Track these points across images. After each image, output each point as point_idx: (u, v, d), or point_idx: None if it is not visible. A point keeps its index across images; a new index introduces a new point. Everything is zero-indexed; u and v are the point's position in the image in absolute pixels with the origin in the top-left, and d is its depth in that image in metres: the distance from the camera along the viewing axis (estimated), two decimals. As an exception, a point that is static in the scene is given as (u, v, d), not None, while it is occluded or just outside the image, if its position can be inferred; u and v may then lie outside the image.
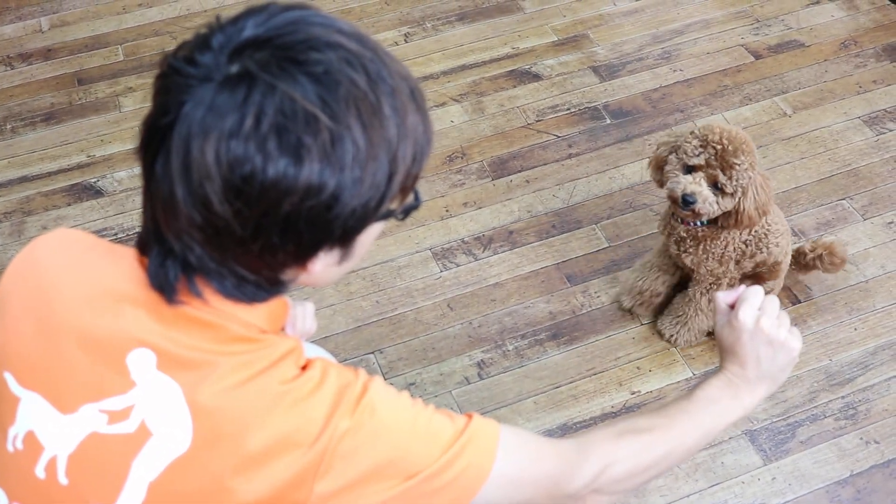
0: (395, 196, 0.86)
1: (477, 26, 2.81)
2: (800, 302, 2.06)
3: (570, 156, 2.41)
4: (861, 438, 1.82)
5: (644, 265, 2.02)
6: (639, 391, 1.91)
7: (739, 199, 1.69)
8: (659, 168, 1.78)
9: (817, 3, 2.85)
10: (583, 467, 1.04)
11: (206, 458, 0.87)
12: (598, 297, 2.08)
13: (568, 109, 2.53)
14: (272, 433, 0.86)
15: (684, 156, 1.68)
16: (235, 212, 0.79)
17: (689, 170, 1.69)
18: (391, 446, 0.90)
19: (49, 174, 2.40)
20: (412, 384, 1.92)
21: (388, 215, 0.88)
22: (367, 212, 0.83)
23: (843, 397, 1.89)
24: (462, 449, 0.93)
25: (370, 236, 0.90)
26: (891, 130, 2.45)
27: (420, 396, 1.89)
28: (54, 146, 2.48)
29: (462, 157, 2.41)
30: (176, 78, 0.80)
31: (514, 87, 2.60)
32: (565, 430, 1.84)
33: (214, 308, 0.88)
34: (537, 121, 2.50)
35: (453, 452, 0.92)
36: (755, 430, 1.84)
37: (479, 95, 2.58)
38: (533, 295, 2.09)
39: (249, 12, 0.83)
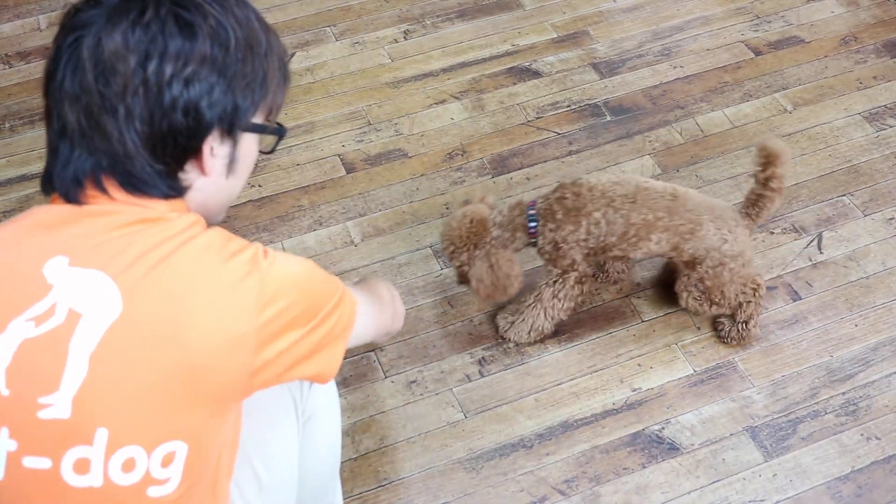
0: (265, 106, 1.06)
1: (476, 23, 2.81)
2: (800, 298, 2.06)
3: (570, 153, 2.40)
4: (862, 434, 1.82)
5: None
6: (640, 388, 1.91)
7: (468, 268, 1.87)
8: None
9: (817, -2, 2.85)
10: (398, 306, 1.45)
11: (144, 312, 0.94)
12: (598, 294, 2.08)
13: (568, 106, 2.53)
14: (209, 285, 0.97)
15: None
16: (144, 80, 0.95)
17: None
18: (305, 287, 1.06)
19: (49, 173, 2.40)
20: (413, 382, 1.92)
21: (259, 129, 1.06)
22: (247, 100, 1.02)
23: (843, 393, 1.89)
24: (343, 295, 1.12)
25: (249, 150, 1.07)
26: (891, 126, 2.44)
27: (421, 394, 1.89)
28: (54, 145, 2.47)
29: (462, 155, 2.41)
30: (78, 14, 0.99)
31: (514, 84, 2.60)
32: (566, 428, 1.84)
33: (119, 201, 1.00)
34: (537, 118, 2.50)
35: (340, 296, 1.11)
36: (756, 427, 1.84)
37: (479, 93, 2.58)
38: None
39: None
